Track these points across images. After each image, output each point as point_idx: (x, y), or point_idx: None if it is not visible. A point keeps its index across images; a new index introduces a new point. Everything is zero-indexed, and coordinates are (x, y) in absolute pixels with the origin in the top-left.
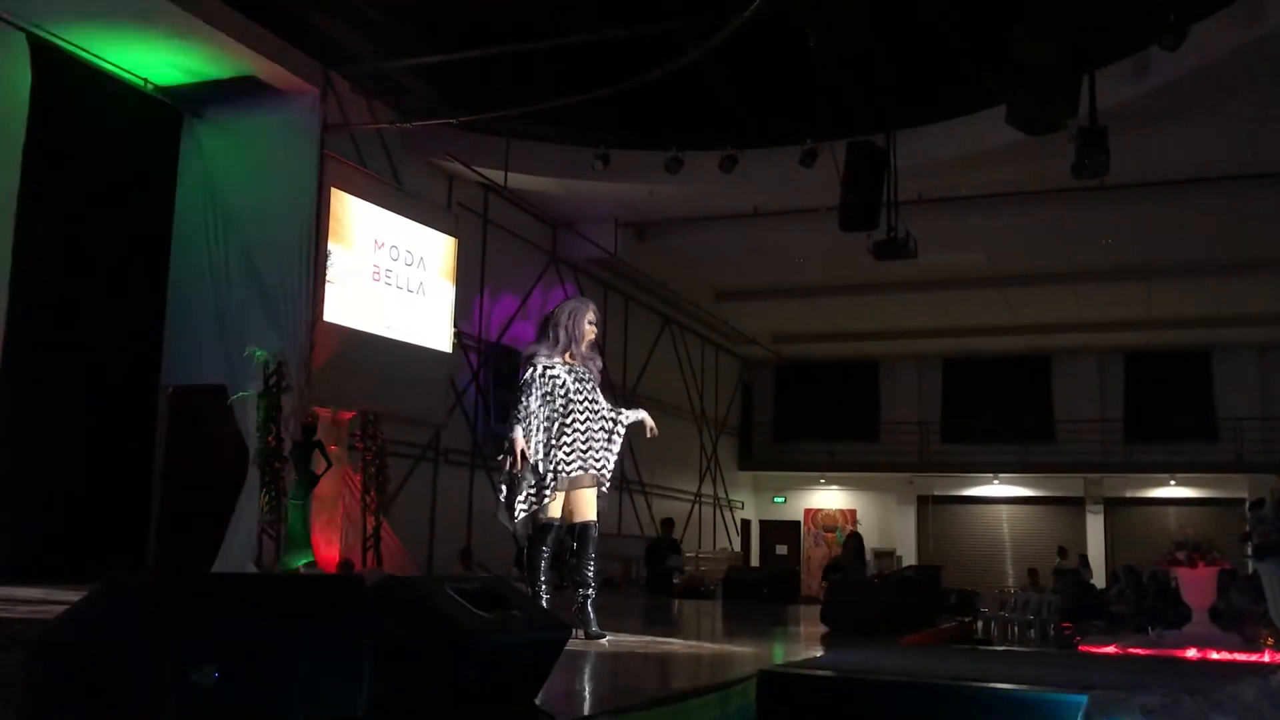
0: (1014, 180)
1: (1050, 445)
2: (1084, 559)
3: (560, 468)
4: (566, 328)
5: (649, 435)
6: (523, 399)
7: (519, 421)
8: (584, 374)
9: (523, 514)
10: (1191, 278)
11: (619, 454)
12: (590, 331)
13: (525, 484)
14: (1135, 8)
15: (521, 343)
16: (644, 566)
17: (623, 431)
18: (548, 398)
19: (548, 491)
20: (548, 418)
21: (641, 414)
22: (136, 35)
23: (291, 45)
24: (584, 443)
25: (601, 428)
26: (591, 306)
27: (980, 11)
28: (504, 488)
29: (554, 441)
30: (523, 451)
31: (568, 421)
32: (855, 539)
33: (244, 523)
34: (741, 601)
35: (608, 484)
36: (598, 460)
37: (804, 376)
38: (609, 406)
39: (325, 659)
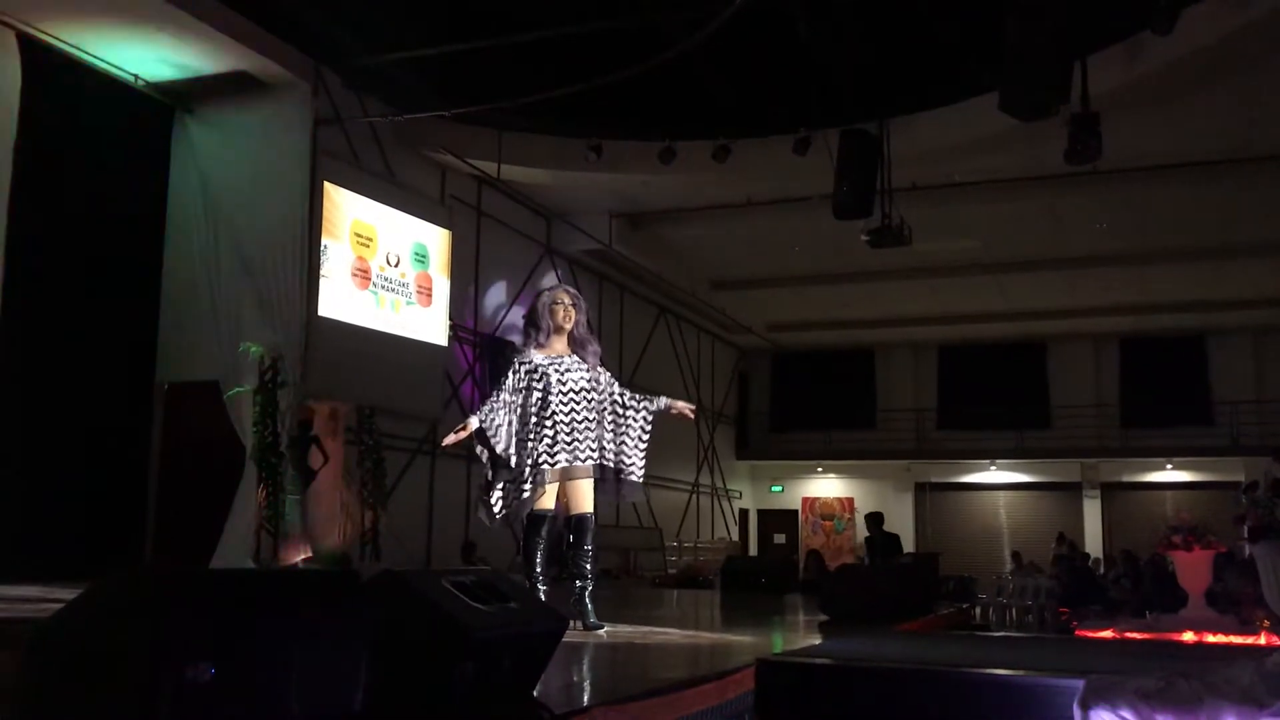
0: (1007, 167)
1: (1046, 431)
2: (1073, 545)
3: (542, 460)
4: (535, 321)
5: (681, 415)
6: (493, 394)
7: (478, 414)
8: (571, 363)
9: (500, 510)
10: (1185, 262)
11: (634, 441)
12: (563, 315)
13: (501, 478)
14: None
15: (517, 335)
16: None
17: (639, 417)
18: (523, 392)
19: (526, 487)
20: (523, 413)
21: (665, 403)
22: (127, 31)
23: (283, 40)
24: (568, 433)
25: (598, 415)
26: (561, 290)
27: None
28: (483, 482)
29: (531, 435)
30: (481, 437)
31: (546, 414)
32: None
33: (241, 518)
34: (740, 591)
35: (634, 476)
36: (594, 449)
37: (800, 365)
38: (620, 393)
39: (322, 654)
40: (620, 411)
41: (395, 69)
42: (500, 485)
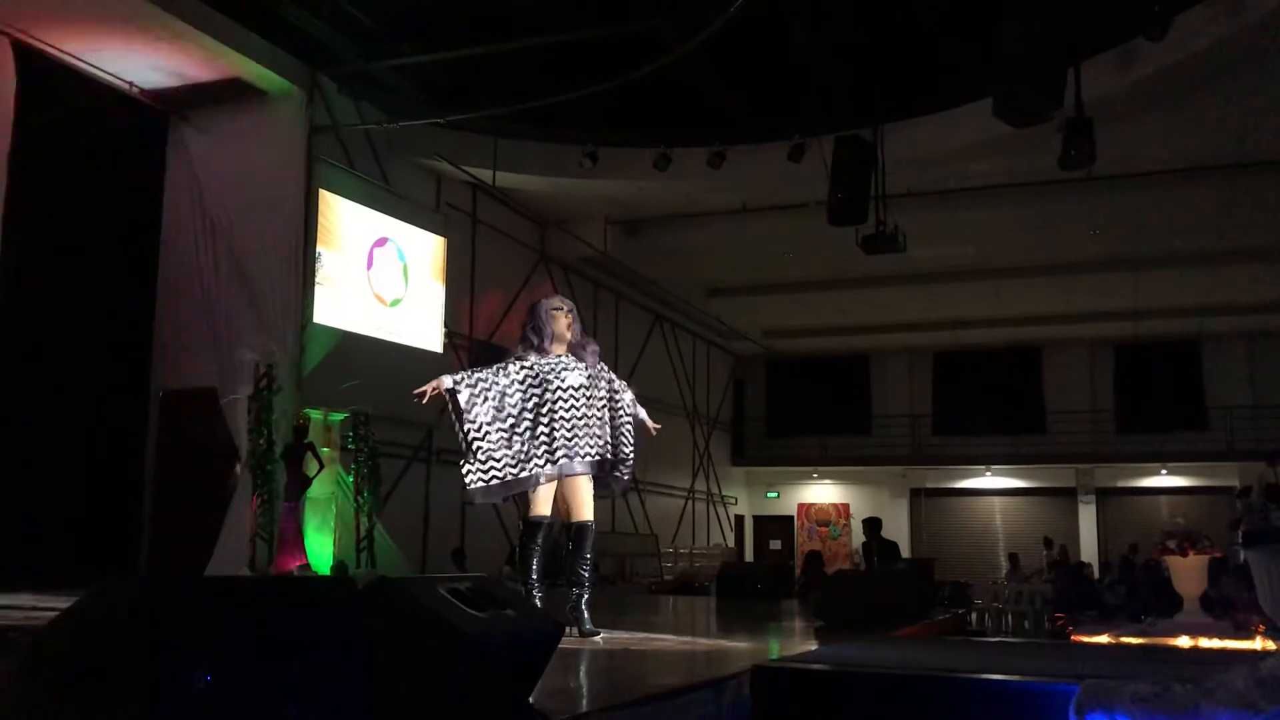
0: (1001, 173)
1: (1041, 436)
2: (1064, 550)
3: (543, 460)
4: (537, 328)
5: (645, 432)
6: (483, 369)
7: (458, 378)
8: (569, 362)
9: (473, 483)
10: (1179, 267)
11: (624, 434)
12: (561, 320)
13: (474, 454)
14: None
15: (512, 342)
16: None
17: (630, 417)
18: (519, 386)
19: (515, 471)
20: (518, 408)
21: (643, 415)
22: (122, 39)
23: (277, 47)
24: (569, 430)
25: (598, 411)
26: (557, 299)
27: (966, 5)
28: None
29: (528, 435)
30: (454, 402)
31: (544, 414)
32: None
33: (237, 526)
34: (736, 597)
35: (623, 472)
36: (595, 444)
37: (795, 371)
38: (618, 387)
39: (318, 661)
40: (615, 404)
41: (391, 76)
42: (473, 461)
